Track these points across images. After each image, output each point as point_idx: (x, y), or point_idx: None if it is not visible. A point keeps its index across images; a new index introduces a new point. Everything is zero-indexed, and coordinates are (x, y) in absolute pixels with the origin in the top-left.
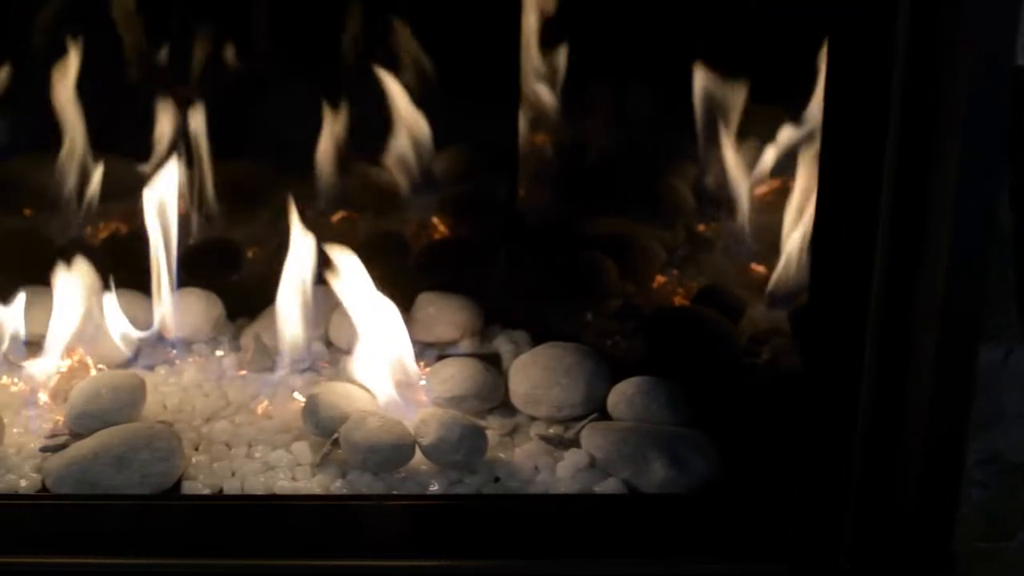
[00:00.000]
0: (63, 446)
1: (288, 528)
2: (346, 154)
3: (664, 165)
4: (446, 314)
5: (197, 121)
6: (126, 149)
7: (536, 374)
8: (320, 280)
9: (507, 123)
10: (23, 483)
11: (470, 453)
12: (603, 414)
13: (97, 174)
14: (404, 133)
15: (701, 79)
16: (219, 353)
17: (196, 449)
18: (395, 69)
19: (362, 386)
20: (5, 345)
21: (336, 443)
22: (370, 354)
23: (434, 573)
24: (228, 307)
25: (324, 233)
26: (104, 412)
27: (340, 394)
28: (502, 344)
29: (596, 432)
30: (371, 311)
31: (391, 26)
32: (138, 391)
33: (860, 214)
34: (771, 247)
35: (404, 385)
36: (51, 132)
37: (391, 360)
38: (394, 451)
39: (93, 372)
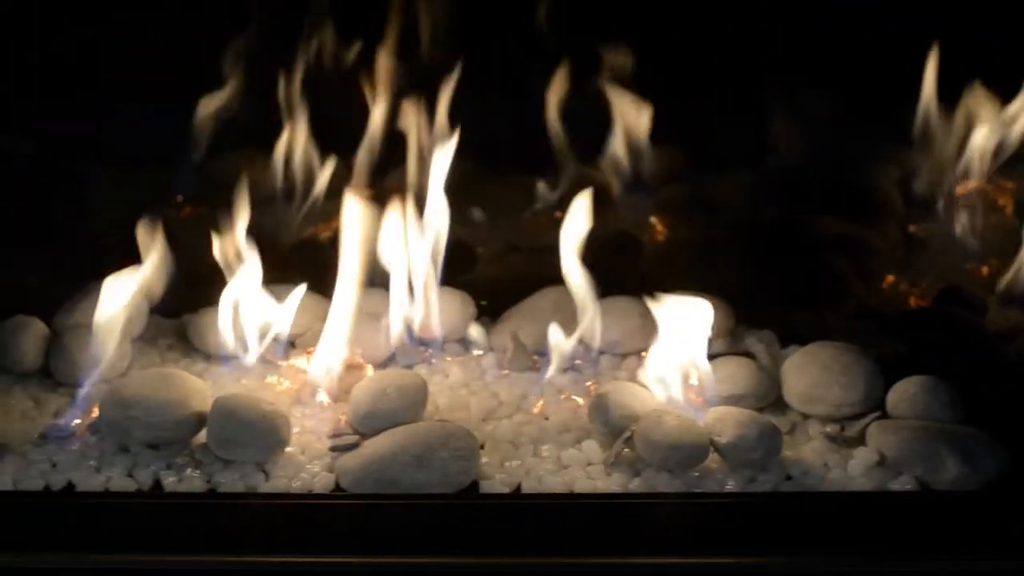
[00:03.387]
0: (354, 445)
1: (589, 526)
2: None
3: (876, 166)
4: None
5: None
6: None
7: (814, 373)
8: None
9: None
10: (316, 483)
11: (767, 452)
12: (882, 412)
13: (326, 172)
14: (620, 133)
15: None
16: (477, 352)
17: (482, 448)
18: (608, 68)
19: (643, 385)
20: (266, 345)
21: (628, 441)
22: (663, 353)
23: (738, 571)
24: None
25: (545, 233)
26: (391, 412)
27: (628, 393)
28: (753, 344)
29: (884, 430)
30: (663, 310)
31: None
32: (422, 391)
33: None
34: (988, 247)
35: (693, 384)
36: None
37: (684, 359)
38: (693, 450)
39: (369, 372)
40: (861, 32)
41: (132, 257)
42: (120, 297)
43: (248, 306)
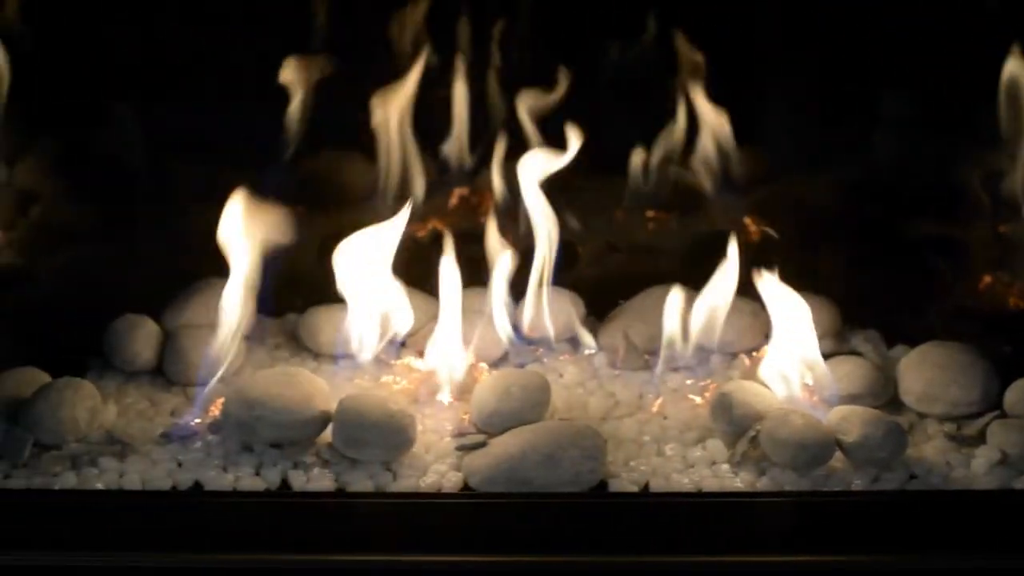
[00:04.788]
0: (481, 445)
1: (720, 525)
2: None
3: (963, 166)
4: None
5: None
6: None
7: (931, 372)
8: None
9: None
10: (445, 482)
11: (893, 451)
12: (1000, 411)
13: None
14: (708, 134)
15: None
16: (587, 352)
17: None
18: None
19: (764, 384)
20: (382, 345)
21: (754, 440)
22: (780, 352)
23: (871, 569)
24: None
25: (640, 232)
26: (515, 411)
27: (750, 392)
28: (859, 344)
29: (1006, 429)
30: (784, 309)
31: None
32: (545, 390)
33: None
34: None
35: (815, 383)
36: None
37: (801, 359)
38: (820, 449)
39: (485, 372)
40: (948, 33)
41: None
42: (239, 297)
43: (365, 305)
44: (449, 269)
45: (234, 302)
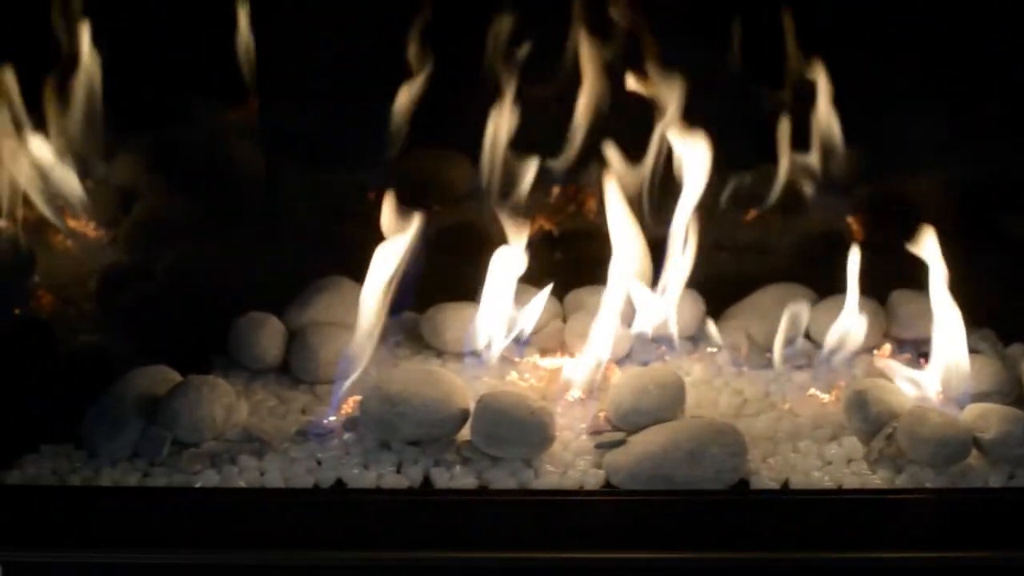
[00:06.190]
0: (621, 442)
1: (861, 522)
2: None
3: None
4: (927, 311)
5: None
6: None
7: None
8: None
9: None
10: (587, 480)
11: None
12: None
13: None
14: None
15: None
16: (710, 350)
17: None
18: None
19: (892, 381)
20: (505, 343)
21: (890, 437)
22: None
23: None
24: None
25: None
26: (653, 409)
27: (884, 390)
28: (976, 342)
29: None
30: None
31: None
32: (680, 388)
33: None
34: None
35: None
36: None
37: (936, 357)
38: (959, 446)
39: (616, 370)
40: None
41: (335, 255)
42: (377, 295)
43: (494, 304)
44: (616, 270)
45: (372, 301)
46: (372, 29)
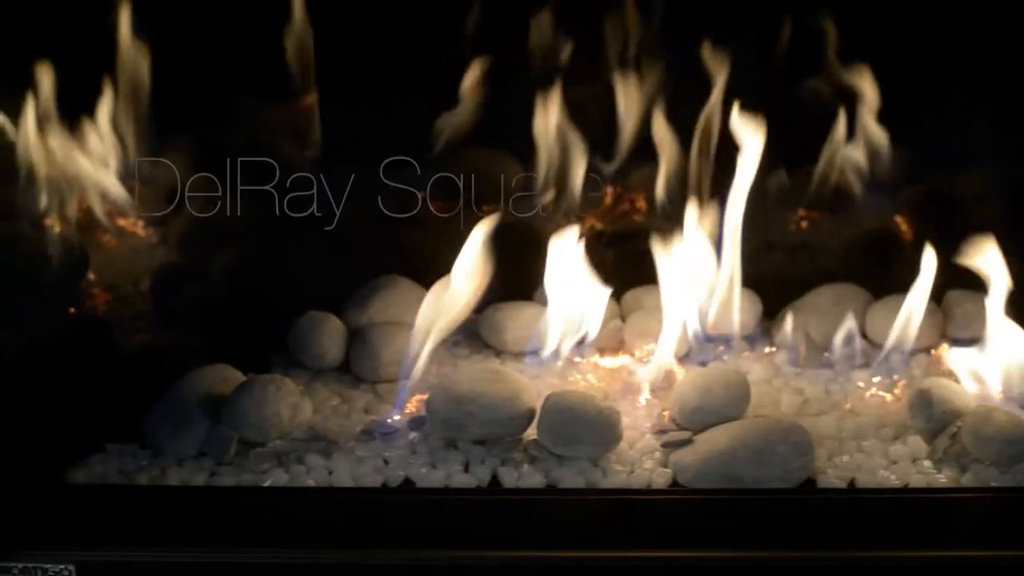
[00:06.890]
0: (687, 441)
1: (929, 520)
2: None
3: None
4: (982, 311)
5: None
6: None
7: None
8: None
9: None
10: (654, 479)
11: None
12: None
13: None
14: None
15: None
16: (767, 350)
17: None
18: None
19: (957, 379)
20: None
21: (955, 437)
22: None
23: None
24: None
25: (784, 232)
26: (718, 408)
27: (948, 389)
28: None
29: None
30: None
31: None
32: (745, 388)
33: None
34: None
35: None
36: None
37: (996, 356)
38: None
39: (677, 369)
40: None
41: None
42: (442, 297)
43: (557, 304)
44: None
45: (433, 302)
46: (427, 27)
